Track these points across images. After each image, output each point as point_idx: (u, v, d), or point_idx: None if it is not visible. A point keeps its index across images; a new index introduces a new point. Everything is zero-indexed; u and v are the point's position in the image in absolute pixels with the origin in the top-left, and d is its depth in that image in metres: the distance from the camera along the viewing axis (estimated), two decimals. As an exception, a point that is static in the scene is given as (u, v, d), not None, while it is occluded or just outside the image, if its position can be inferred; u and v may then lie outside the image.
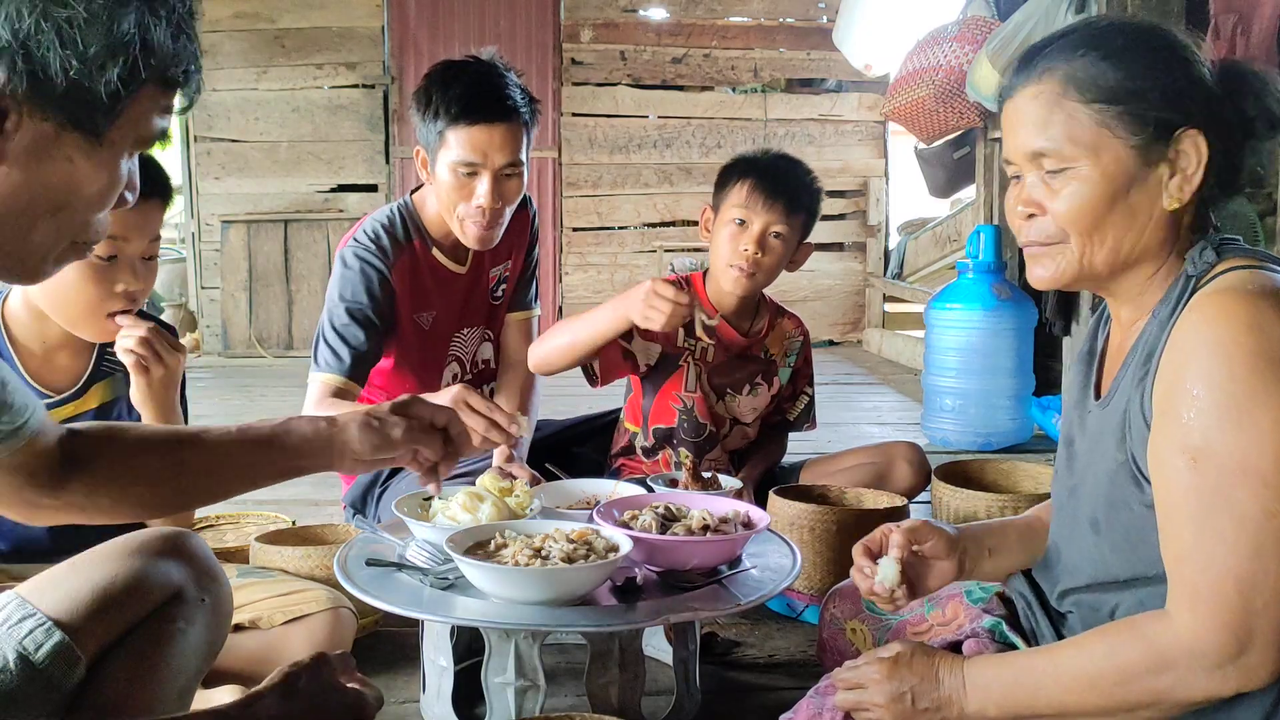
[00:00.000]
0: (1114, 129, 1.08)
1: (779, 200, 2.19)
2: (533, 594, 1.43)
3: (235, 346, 6.67)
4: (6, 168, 0.83)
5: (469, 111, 2.10)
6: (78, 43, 0.80)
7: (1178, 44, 1.10)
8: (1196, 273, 1.08)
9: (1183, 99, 1.07)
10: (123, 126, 0.87)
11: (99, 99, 0.83)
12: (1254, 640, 0.96)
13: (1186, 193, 1.08)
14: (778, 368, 2.43)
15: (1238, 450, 0.96)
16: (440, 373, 2.39)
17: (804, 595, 2.11)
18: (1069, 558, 1.23)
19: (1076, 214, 1.10)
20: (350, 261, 2.22)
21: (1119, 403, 1.12)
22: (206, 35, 6.38)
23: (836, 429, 4.17)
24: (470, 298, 2.41)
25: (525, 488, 1.78)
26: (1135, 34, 1.11)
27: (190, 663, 1.25)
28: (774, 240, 2.21)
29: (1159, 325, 1.09)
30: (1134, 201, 1.09)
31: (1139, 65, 1.08)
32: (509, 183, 2.17)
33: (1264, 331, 0.97)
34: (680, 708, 1.66)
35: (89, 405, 1.62)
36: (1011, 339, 3.83)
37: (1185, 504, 1.00)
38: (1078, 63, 1.10)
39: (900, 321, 7.10)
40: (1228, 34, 3.88)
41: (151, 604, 1.24)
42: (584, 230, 6.96)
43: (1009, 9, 4.37)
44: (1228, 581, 0.96)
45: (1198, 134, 1.06)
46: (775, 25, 7.03)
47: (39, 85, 0.80)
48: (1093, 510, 1.17)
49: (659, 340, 2.29)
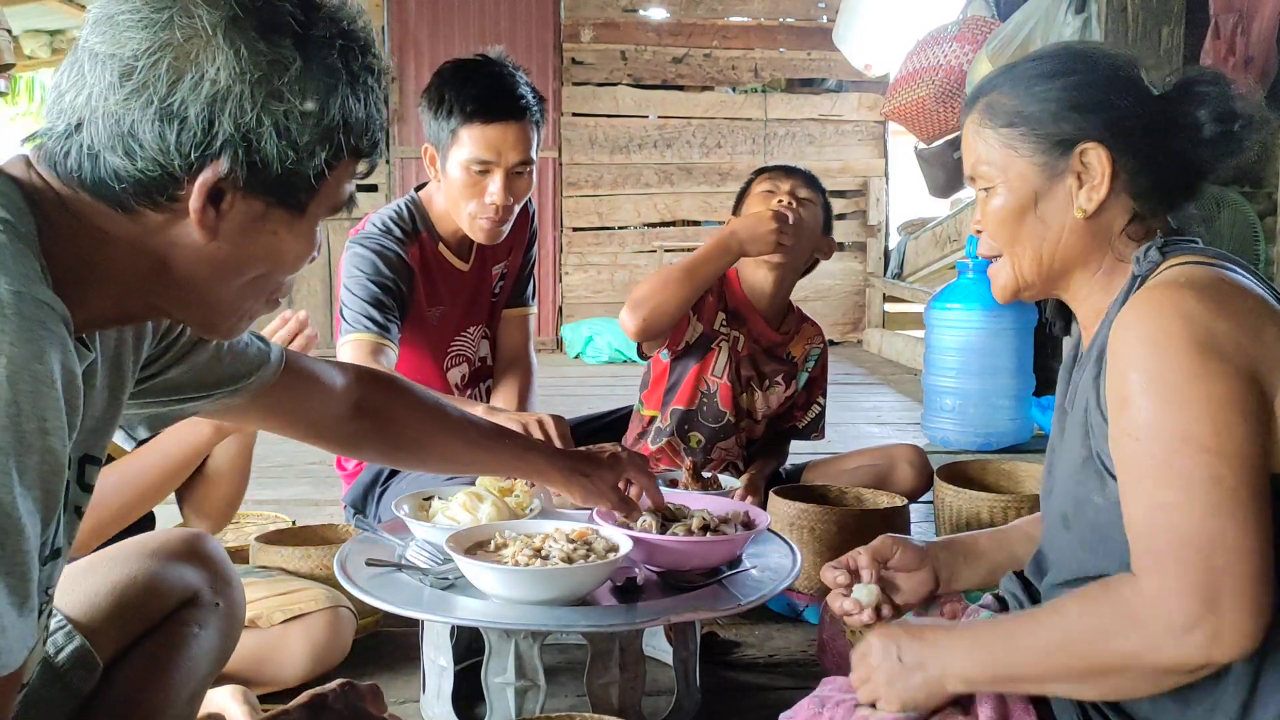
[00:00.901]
0: (1018, 148, 1.19)
1: (797, 175, 2.33)
2: (533, 594, 1.43)
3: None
4: (219, 243, 0.88)
5: (485, 110, 2.12)
6: (292, 134, 0.86)
7: (1094, 67, 1.18)
8: (1142, 272, 1.14)
9: (1082, 116, 1.16)
10: (320, 199, 0.93)
11: (307, 182, 0.89)
12: (1221, 602, 0.97)
13: (1095, 202, 1.16)
14: (798, 370, 2.44)
15: (1180, 424, 1.00)
16: (443, 373, 2.39)
17: (804, 595, 2.11)
18: (1050, 555, 1.27)
19: (996, 227, 1.22)
20: (366, 245, 2.22)
21: (1080, 401, 1.17)
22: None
23: (837, 429, 4.17)
24: (475, 296, 2.42)
25: (525, 488, 1.78)
26: (1051, 60, 1.21)
27: (202, 667, 1.25)
28: (801, 201, 2.28)
29: (1109, 325, 1.14)
30: (1043, 213, 1.18)
31: (1040, 89, 1.18)
32: (519, 181, 2.19)
33: (1192, 319, 1.02)
34: (680, 708, 1.66)
35: None
36: (1011, 339, 3.83)
37: (1137, 480, 1.04)
38: (992, 94, 1.22)
39: (900, 321, 7.11)
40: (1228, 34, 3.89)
41: (168, 607, 1.24)
42: (584, 230, 6.97)
43: (1009, 9, 4.37)
44: (1186, 545, 0.99)
45: (1098, 147, 1.14)
46: (775, 25, 7.03)
47: (256, 172, 0.86)
48: (1062, 506, 1.21)
49: (703, 320, 2.31)
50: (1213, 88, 1.16)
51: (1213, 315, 1.01)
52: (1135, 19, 3.17)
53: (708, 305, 2.29)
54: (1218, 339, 1.00)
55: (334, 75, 0.88)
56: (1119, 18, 3.18)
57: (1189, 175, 1.18)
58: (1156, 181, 1.16)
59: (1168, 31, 3.17)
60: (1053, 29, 3.64)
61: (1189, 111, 1.15)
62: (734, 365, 2.34)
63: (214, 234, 0.87)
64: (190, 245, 0.88)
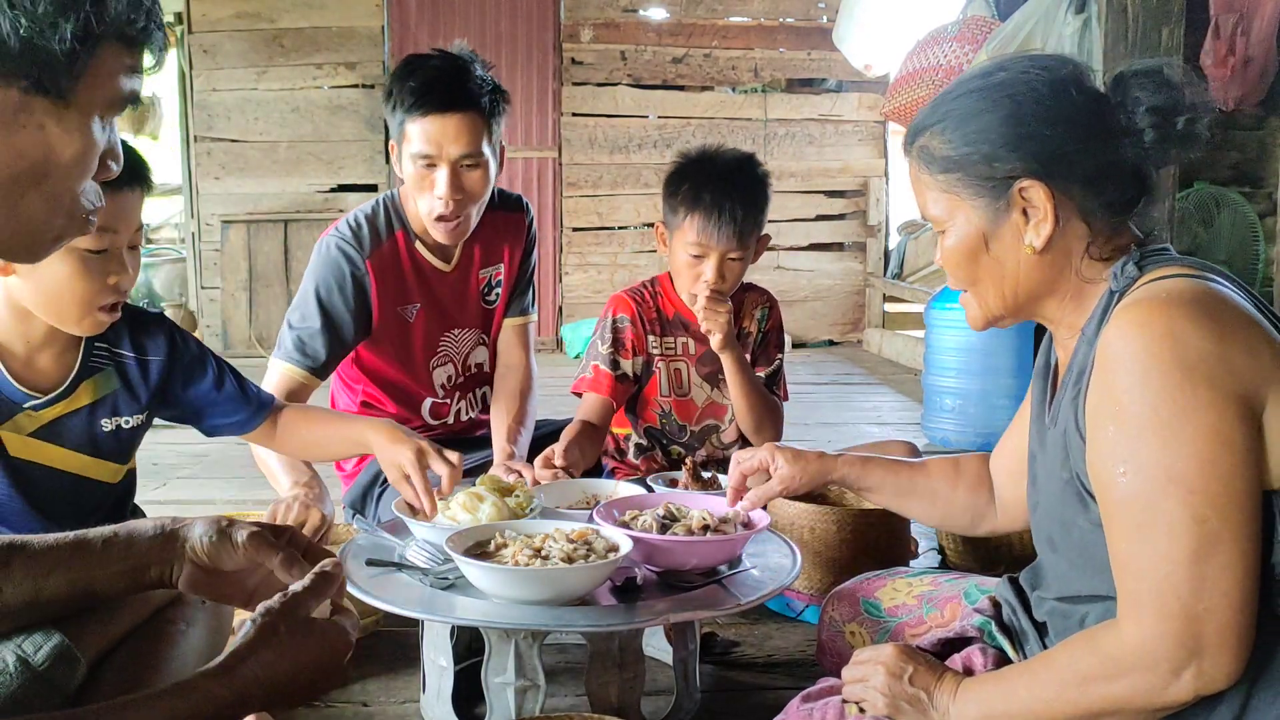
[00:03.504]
0: (959, 193, 1.17)
1: (730, 229, 2.18)
2: (533, 594, 1.43)
3: (235, 346, 6.67)
4: None
5: (422, 102, 2.09)
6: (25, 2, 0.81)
7: (1020, 97, 1.13)
8: (1119, 288, 1.11)
9: (1014, 153, 1.12)
10: (89, 88, 0.87)
11: (56, 58, 0.83)
12: (1203, 645, 0.98)
13: (1043, 237, 1.13)
14: (752, 338, 2.43)
15: (1164, 460, 0.98)
16: (430, 371, 2.39)
17: (804, 595, 2.11)
18: (1041, 571, 1.27)
19: (954, 268, 1.22)
20: (326, 251, 2.23)
21: (1061, 423, 1.16)
22: (207, 35, 6.35)
23: (837, 429, 4.17)
24: (460, 298, 2.39)
25: (525, 487, 1.78)
26: (977, 97, 1.16)
27: (190, 664, 1.25)
28: (732, 263, 2.24)
29: (1087, 343, 1.12)
30: (996, 252, 1.17)
31: (970, 130, 1.15)
32: (469, 174, 2.14)
33: (1179, 339, 0.99)
34: (680, 708, 1.66)
35: (80, 403, 1.60)
36: (1011, 339, 3.83)
37: (1120, 517, 1.03)
38: (924, 138, 1.20)
39: (900, 321, 7.10)
40: (1228, 34, 3.89)
41: (153, 605, 1.24)
42: (584, 230, 6.96)
43: (1009, 9, 4.37)
44: (1166, 589, 0.98)
45: (1036, 183, 1.11)
46: (775, 25, 7.03)
47: None
48: (1049, 529, 1.21)
49: (640, 350, 2.33)
50: (1146, 85, 1.11)
51: (1201, 335, 0.99)
52: (1135, 19, 3.17)
53: (629, 337, 2.31)
54: (1207, 361, 0.98)
55: None
56: (1119, 18, 3.18)
57: (1139, 181, 1.14)
58: (1105, 200, 1.13)
59: (1168, 31, 3.17)
60: (1053, 29, 3.63)
61: (1127, 116, 1.12)
62: (685, 376, 2.37)
63: None
64: None
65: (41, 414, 1.56)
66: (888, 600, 1.58)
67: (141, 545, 1.10)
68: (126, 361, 1.66)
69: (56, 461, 1.58)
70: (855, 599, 1.62)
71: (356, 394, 2.39)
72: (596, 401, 2.28)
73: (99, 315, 1.53)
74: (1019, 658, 1.25)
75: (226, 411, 1.78)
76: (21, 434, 1.54)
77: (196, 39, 6.54)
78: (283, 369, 2.19)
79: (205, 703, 0.90)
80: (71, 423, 1.59)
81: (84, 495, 1.61)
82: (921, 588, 1.57)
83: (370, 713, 1.75)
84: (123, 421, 1.64)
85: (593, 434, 2.21)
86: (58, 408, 1.58)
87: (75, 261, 1.47)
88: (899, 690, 1.17)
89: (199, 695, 0.91)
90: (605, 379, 2.29)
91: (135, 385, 1.66)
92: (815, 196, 7.04)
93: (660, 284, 2.39)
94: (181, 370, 1.72)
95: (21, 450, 1.54)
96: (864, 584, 1.65)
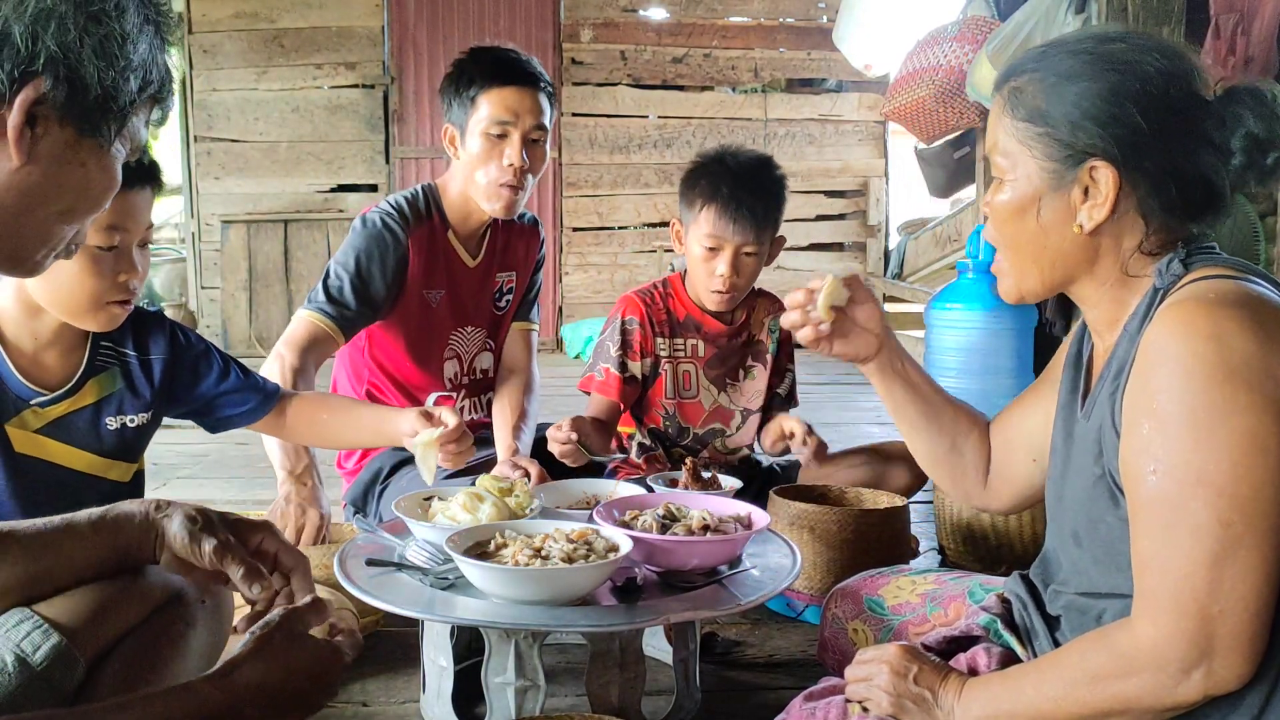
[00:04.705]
0: (1031, 147, 1.14)
1: (746, 222, 2.20)
2: (533, 594, 1.43)
3: (235, 346, 6.67)
4: (31, 167, 0.91)
5: (503, 74, 2.23)
6: (111, 59, 0.90)
7: (1126, 75, 1.10)
8: (1164, 285, 1.10)
9: (1099, 129, 1.09)
10: (123, 135, 0.96)
11: (116, 109, 0.93)
12: (1215, 647, 0.98)
13: (1095, 222, 1.11)
14: (766, 346, 2.43)
15: (1195, 462, 0.98)
16: (440, 364, 2.41)
17: (804, 595, 2.11)
18: (1059, 565, 1.26)
19: (998, 224, 1.19)
20: (371, 222, 2.30)
21: (1096, 418, 1.15)
22: (207, 35, 6.33)
23: (837, 429, 4.17)
24: (478, 295, 2.45)
25: (525, 487, 1.78)
26: (1084, 60, 1.13)
27: (191, 664, 1.25)
28: (747, 259, 2.25)
29: (1129, 339, 1.11)
30: (1045, 221, 1.14)
31: (1066, 90, 1.12)
32: (535, 149, 2.27)
33: (1223, 342, 0.98)
34: (680, 708, 1.66)
35: (85, 401, 1.61)
36: (1011, 339, 3.83)
37: (1147, 515, 1.02)
38: (1022, 79, 1.16)
39: (900, 321, 7.09)
40: (1228, 34, 3.88)
41: (152, 605, 1.24)
42: (584, 230, 6.97)
43: (1009, 9, 4.37)
44: (1184, 590, 0.98)
45: (1108, 166, 1.09)
46: (775, 25, 7.03)
47: (74, 95, 0.89)
48: (1074, 524, 1.20)
49: (649, 351, 2.33)
50: (1253, 107, 1.08)
51: (1246, 338, 0.98)
52: (1135, 19, 3.17)
53: (637, 339, 2.32)
54: (1250, 365, 0.97)
55: (142, 12, 0.93)
56: (1119, 18, 3.18)
57: (1209, 196, 1.11)
58: (1166, 202, 1.11)
59: (1168, 31, 3.17)
60: (1053, 29, 3.63)
61: (1224, 132, 1.09)
62: (694, 378, 2.37)
63: (28, 156, 0.89)
64: (1, 170, 0.90)
65: (48, 411, 1.57)
66: (891, 598, 1.58)
67: (128, 529, 1.17)
68: (130, 361, 1.67)
69: (63, 459, 1.59)
70: (859, 596, 1.62)
71: (362, 383, 2.41)
72: (604, 403, 2.30)
73: (113, 309, 1.56)
74: (1027, 655, 1.24)
75: (236, 402, 1.80)
76: (28, 430, 1.55)
77: (196, 39, 6.55)
78: (310, 317, 2.22)
79: (199, 706, 0.92)
80: (77, 420, 1.60)
81: (88, 493, 1.61)
82: (925, 586, 1.57)
83: (370, 713, 1.75)
84: (127, 420, 1.66)
85: (601, 426, 2.25)
86: (64, 405, 1.59)
87: (86, 258, 1.50)
88: (904, 690, 1.17)
89: (193, 698, 0.93)
90: (614, 382, 2.30)
91: (139, 384, 1.68)
92: (815, 196, 7.04)
93: (671, 285, 2.39)
94: (186, 367, 1.74)
95: (27, 446, 1.55)
96: (867, 581, 1.65)
